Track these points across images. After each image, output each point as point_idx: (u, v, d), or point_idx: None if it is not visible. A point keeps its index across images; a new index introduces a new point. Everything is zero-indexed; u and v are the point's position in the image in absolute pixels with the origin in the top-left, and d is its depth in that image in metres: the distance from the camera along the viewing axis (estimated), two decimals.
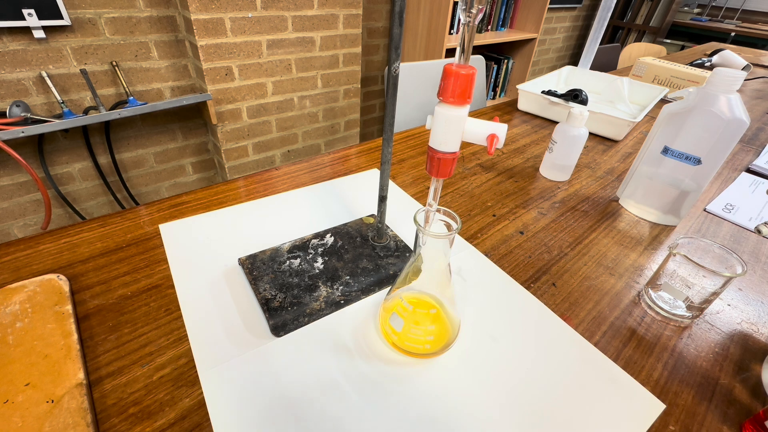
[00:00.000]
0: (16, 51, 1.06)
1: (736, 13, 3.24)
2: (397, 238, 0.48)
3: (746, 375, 0.36)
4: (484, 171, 0.68)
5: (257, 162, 1.57)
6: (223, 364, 0.34)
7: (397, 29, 0.31)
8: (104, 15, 1.14)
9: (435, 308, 0.35)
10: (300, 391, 0.32)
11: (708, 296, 0.38)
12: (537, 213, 0.57)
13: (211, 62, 1.25)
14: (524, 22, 2.27)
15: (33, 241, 0.45)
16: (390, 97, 0.35)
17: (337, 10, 1.44)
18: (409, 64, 1.09)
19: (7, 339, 0.33)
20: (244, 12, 1.24)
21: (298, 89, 1.52)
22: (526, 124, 0.90)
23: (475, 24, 0.26)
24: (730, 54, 1.49)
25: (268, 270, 0.42)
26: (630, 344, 0.38)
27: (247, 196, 0.57)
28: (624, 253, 0.50)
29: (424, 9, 1.76)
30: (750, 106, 1.13)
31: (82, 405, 0.29)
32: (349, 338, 0.37)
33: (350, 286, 0.41)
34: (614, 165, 0.73)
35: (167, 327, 0.37)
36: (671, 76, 1.16)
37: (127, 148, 1.38)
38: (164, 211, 0.52)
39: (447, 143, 0.31)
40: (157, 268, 0.43)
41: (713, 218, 0.59)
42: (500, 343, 0.37)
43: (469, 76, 0.27)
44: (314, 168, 0.65)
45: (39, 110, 1.16)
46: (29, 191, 1.26)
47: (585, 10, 3.04)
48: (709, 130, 0.48)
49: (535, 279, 0.45)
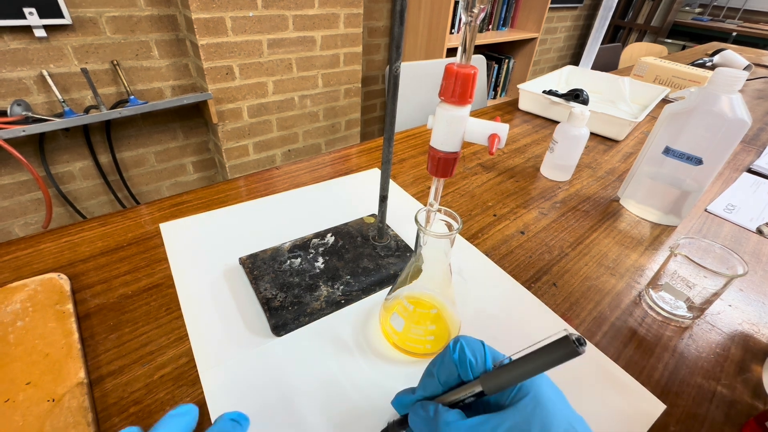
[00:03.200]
0: (17, 50, 1.06)
1: (737, 12, 3.24)
2: (397, 237, 0.48)
3: (747, 376, 0.36)
4: (484, 171, 0.68)
5: (258, 161, 1.57)
6: (224, 363, 0.34)
7: (398, 28, 0.31)
8: (105, 14, 1.14)
9: (435, 308, 0.35)
10: (300, 391, 0.32)
11: (709, 297, 0.38)
12: (538, 213, 0.57)
13: (211, 61, 1.25)
14: (525, 22, 2.27)
15: (34, 240, 0.45)
16: (391, 97, 0.35)
17: (337, 9, 1.44)
18: (410, 63, 1.09)
19: (8, 338, 0.33)
20: (245, 11, 1.23)
21: (299, 88, 1.52)
22: (527, 123, 0.89)
23: (476, 23, 0.26)
24: (731, 54, 1.48)
25: (268, 269, 0.42)
26: (631, 344, 0.38)
27: (248, 195, 0.57)
28: (625, 254, 0.50)
29: (425, 8, 1.76)
30: (751, 106, 1.13)
31: (82, 404, 0.29)
32: (350, 338, 0.37)
33: (351, 285, 0.41)
34: (615, 165, 0.73)
35: (168, 326, 0.37)
36: (672, 76, 1.16)
37: (128, 147, 1.38)
38: (165, 210, 0.52)
39: (448, 143, 0.31)
40: (158, 268, 0.43)
41: (714, 218, 0.59)
42: (501, 343, 0.37)
43: (471, 76, 0.27)
44: (315, 167, 0.65)
45: (40, 109, 1.16)
46: (30, 190, 1.26)
47: (586, 10, 3.04)
48: (711, 130, 0.48)
49: (535, 279, 0.45)
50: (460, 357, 0.23)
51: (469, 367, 0.23)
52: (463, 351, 0.23)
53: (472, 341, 0.24)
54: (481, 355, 0.23)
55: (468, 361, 0.23)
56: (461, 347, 0.24)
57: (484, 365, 0.23)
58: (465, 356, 0.23)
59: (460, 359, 0.23)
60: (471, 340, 0.24)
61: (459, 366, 0.23)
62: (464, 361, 0.23)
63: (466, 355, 0.23)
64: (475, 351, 0.23)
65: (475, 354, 0.23)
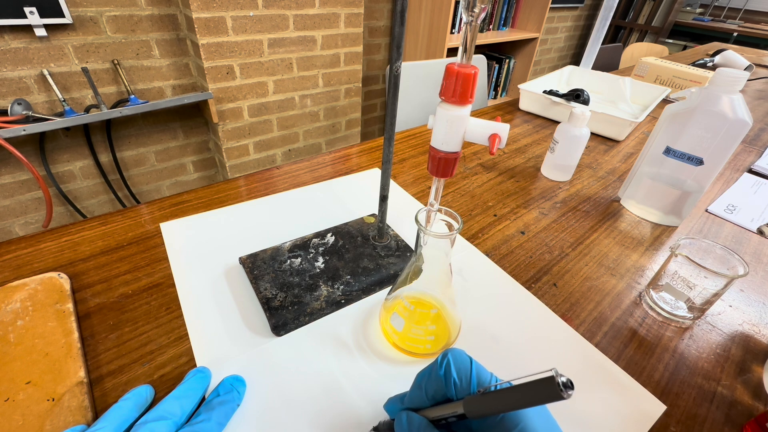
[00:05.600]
0: (17, 49, 1.06)
1: (738, 13, 3.23)
2: (398, 237, 0.48)
3: (747, 376, 0.36)
4: (485, 171, 0.68)
5: (258, 161, 1.57)
6: (224, 363, 0.33)
7: (398, 28, 0.31)
8: (106, 13, 1.14)
9: (436, 308, 0.35)
10: (300, 390, 0.32)
11: (709, 297, 0.38)
12: (538, 213, 0.57)
13: (212, 61, 1.25)
14: (526, 22, 2.27)
15: (34, 239, 0.45)
16: (391, 97, 0.35)
17: (338, 9, 1.44)
18: (410, 63, 1.08)
19: (8, 337, 0.33)
20: (246, 11, 1.23)
21: (299, 88, 1.52)
22: (528, 123, 0.89)
23: (477, 23, 0.26)
24: (732, 54, 1.48)
25: (268, 269, 0.42)
26: (631, 345, 0.38)
27: (248, 195, 0.57)
28: (625, 254, 0.50)
29: (425, 8, 1.76)
30: (752, 107, 1.13)
31: (82, 403, 0.29)
32: (350, 338, 0.37)
33: (351, 285, 0.41)
34: (616, 165, 0.73)
35: (168, 326, 0.37)
36: (673, 76, 1.16)
37: (128, 147, 1.38)
38: (165, 209, 0.52)
39: (449, 143, 0.31)
40: (158, 267, 0.43)
41: (715, 219, 0.59)
42: (501, 343, 0.37)
43: (472, 76, 0.27)
44: (315, 167, 0.65)
45: (40, 108, 1.16)
46: (30, 189, 1.27)
47: (587, 10, 3.04)
48: (712, 130, 0.48)
49: (536, 279, 0.45)
50: (446, 374, 0.23)
51: (453, 386, 0.22)
52: (449, 368, 0.23)
53: (460, 358, 0.23)
54: (466, 376, 0.22)
55: (453, 379, 0.22)
56: (447, 364, 0.23)
57: (469, 386, 0.22)
58: (450, 374, 0.23)
59: (445, 376, 0.23)
60: (460, 356, 0.23)
61: (444, 382, 0.23)
62: (449, 379, 0.23)
63: (452, 374, 0.23)
64: (461, 370, 0.23)
65: (461, 374, 0.23)
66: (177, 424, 0.26)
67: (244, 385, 0.31)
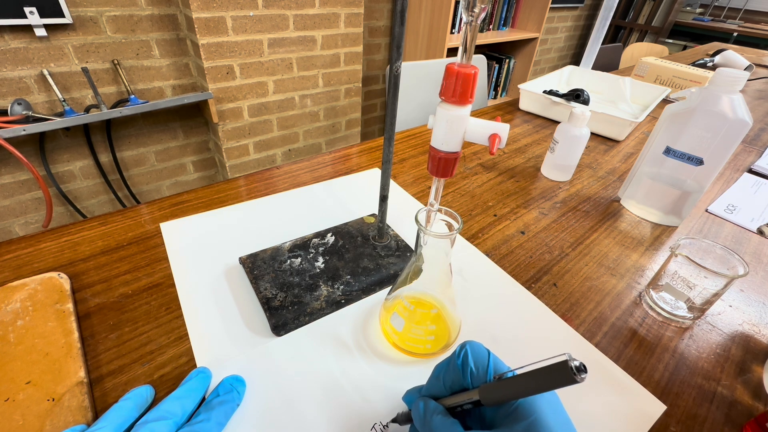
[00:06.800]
0: (17, 49, 1.06)
1: (738, 13, 3.23)
2: (398, 237, 0.48)
3: (747, 376, 0.36)
4: (485, 171, 0.68)
5: (258, 161, 1.57)
6: (224, 363, 0.33)
7: (398, 28, 0.31)
8: (106, 13, 1.14)
9: (436, 308, 0.35)
10: (300, 390, 0.32)
11: (709, 297, 0.38)
12: (538, 213, 0.57)
13: (212, 61, 1.25)
14: (526, 22, 2.27)
15: (34, 239, 0.45)
16: (391, 97, 0.35)
17: (338, 8, 1.44)
18: (410, 63, 1.08)
19: (8, 337, 0.33)
20: (246, 11, 1.23)
21: (300, 88, 1.52)
22: (528, 123, 0.89)
23: (477, 23, 0.26)
24: (732, 54, 1.48)
25: (268, 269, 0.41)
26: (631, 345, 0.38)
27: (248, 195, 0.57)
28: (625, 254, 0.50)
29: (425, 8, 1.76)
30: (752, 107, 1.13)
31: (82, 403, 0.29)
32: (350, 338, 0.37)
33: (351, 285, 0.41)
34: (616, 165, 0.73)
35: (168, 326, 0.37)
36: (673, 76, 1.16)
37: (128, 147, 1.38)
38: (165, 209, 0.52)
39: (449, 143, 0.31)
40: (158, 267, 0.43)
41: (715, 219, 0.59)
42: (501, 343, 0.37)
43: (472, 76, 0.27)
44: (315, 167, 0.65)
45: (40, 108, 1.16)
46: (30, 189, 1.27)
47: (587, 10, 3.04)
48: (712, 130, 0.48)
49: (536, 279, 0.45)
50: (463, 363, 0.24)
51: (469, 375, 0.23)
52: (466, 358, 0.24)
53: (477, 349, 0.24)
54: (483, 365, 0.23)
55: (470, 369, 0.23)
56: (465, 354, 0.24)
57: (485, 376, 0.23)
58: (467, 364, 0.23)
59: (462, 366, 0.23)
60: (477, 347, 0.24)
61: (461, 372, 0.23)
62: (466, 369, 0.23)
63: (469, 363, 0.23)
64: (478, 360, 0.24)
65: (478, 363, 0.23)
66: (177, 424, 0.26)
67: (244, 385, 0.31)
